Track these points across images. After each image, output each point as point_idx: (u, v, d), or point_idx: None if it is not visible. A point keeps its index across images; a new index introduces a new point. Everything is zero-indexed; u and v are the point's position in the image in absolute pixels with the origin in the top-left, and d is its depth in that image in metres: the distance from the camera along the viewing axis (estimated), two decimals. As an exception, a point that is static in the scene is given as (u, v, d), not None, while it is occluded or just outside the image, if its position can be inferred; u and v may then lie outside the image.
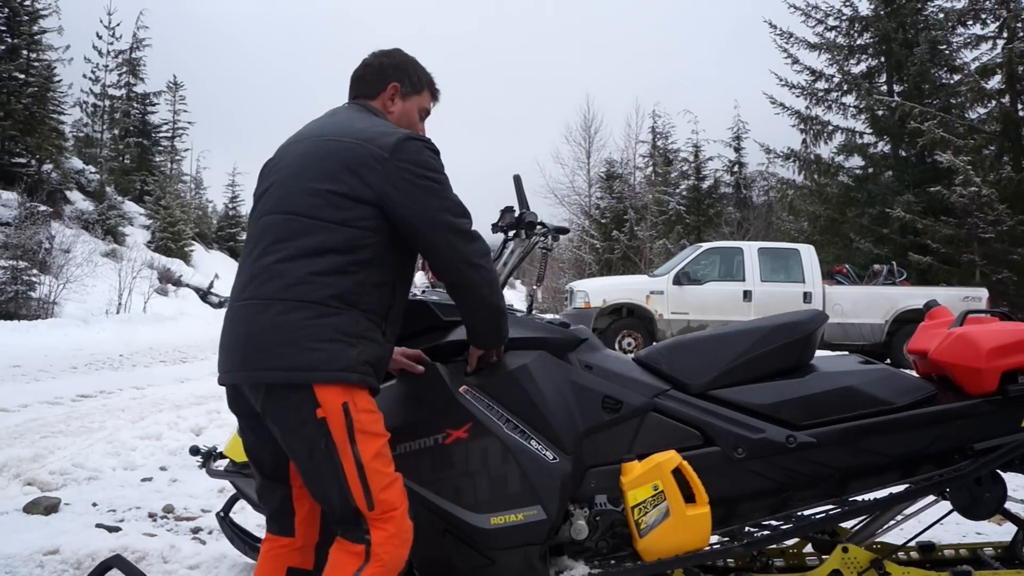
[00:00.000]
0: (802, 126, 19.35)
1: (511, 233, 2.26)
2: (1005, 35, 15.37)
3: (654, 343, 5.40)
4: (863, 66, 19.02)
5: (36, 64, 18.58)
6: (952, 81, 17.03)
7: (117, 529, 2.98)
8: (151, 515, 3.25)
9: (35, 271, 13.83)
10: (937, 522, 2.20)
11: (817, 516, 2.08)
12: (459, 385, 1.94)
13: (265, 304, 1.61)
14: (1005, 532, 2.71)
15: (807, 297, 10.36)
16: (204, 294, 20.82)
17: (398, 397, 1.98)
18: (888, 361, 8.75)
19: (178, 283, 20.37)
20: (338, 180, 1.65)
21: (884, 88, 18.43)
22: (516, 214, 2.26)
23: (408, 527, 1.68)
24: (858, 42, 18.92)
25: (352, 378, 1.58)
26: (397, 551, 1.65)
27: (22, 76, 17.97)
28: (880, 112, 17.76)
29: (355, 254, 1.64)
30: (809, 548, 2.41)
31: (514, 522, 1.87)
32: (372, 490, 1.60)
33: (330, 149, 1.69)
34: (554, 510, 1.89)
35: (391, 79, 1.88)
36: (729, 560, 2.29)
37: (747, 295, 10.48)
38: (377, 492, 1.61)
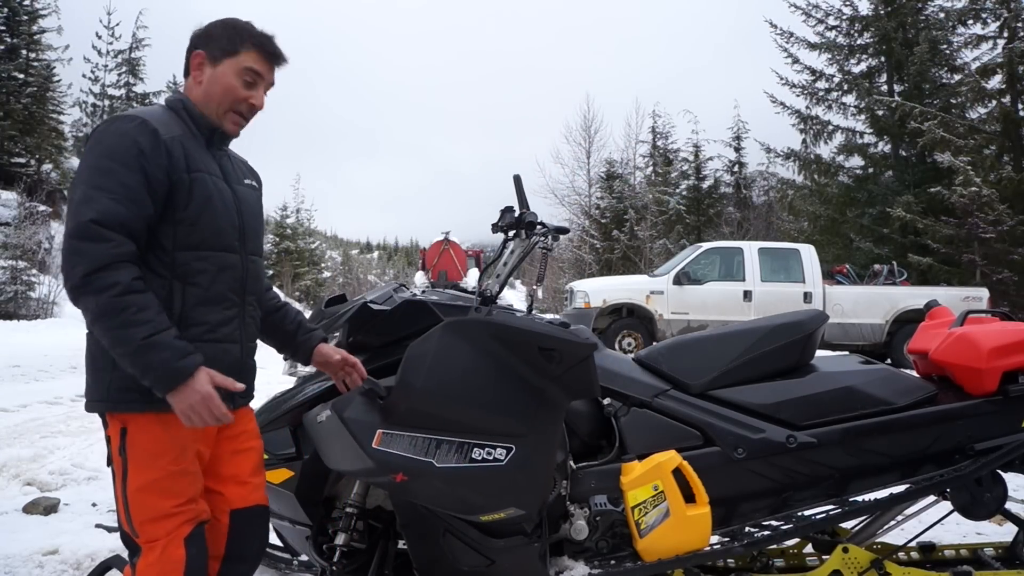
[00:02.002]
0: (802, 126, 19.33)
1: (511, 233, 2.26)
2: (1005, 35, 15.36)
3: (654, 343, 5.40)
4: (863, 66, 19.00)
5: (35, 64, 18.55)
6: (952, 81, 17.01)
7: (117, 529, 2.97)
8: (151, 515, 3.24)
9: (35, 271, 13.82)
10: (937, 522, 2.20)
11: (817, 516, 2.08)
12: (372, 437, 1.76)
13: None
14: (1005, 532, 2.70)
15: (807, 297, 10.35)
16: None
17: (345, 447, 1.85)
18: (888, 361, 8.75)
19: (178, 283, 20.36)
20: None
21: (884, 88, 18.41)
22: (516, 214, 2.26)
23: (175, 558, 1.54)
24: (858, 42, 18.90)
25: (100, 407, 1.55)
26: None
27: (21, 76, 17.95)
28: (880, 112, 17.75)
29: None
30: (809, 548, 2.41)
31: (501, 518, 1.81)
32: (133, 518, 1.55)
33: None
34: (532, 500, 1.79)
35: (197, 47, 1.67)
36: (729, 560, 2.29)
37: (747, 295, 10.47)
38: (138, 522, 1.55)
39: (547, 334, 1.76)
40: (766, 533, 2.08)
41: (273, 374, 3.32)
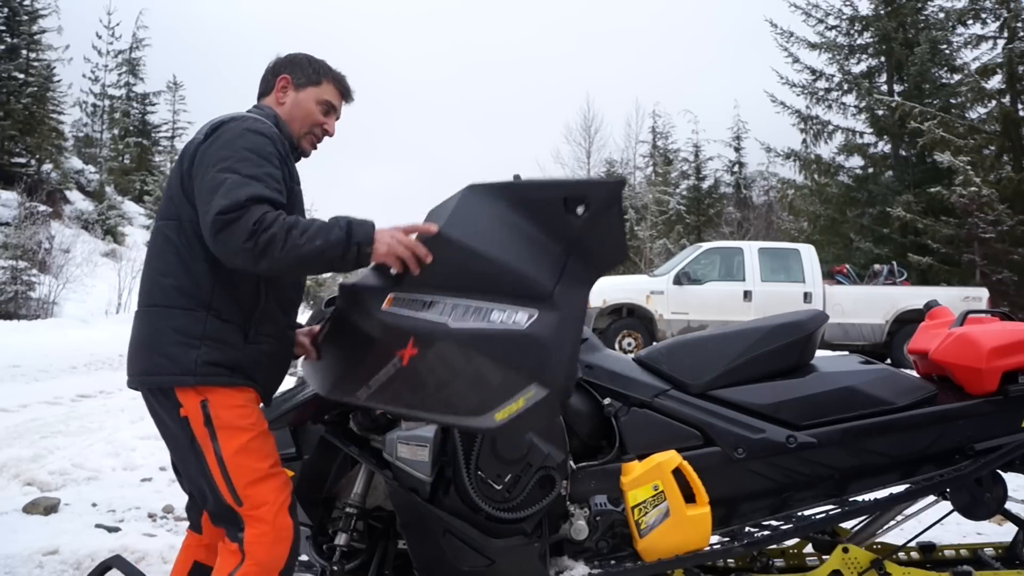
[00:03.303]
0: (802, 125, 19.34)
1: (511, 233, 2.26)
2: (1005, 35, 15.38)
3: (654, 343, 5.40)
4: (863, 65, 19.02)
5: (36, 64, 18.56)
6: (952, 81, 17.02)
7: (117, 529, 2.98)
8: (151, 515, 3.25)
9: (35, 271, 13.83)
10: (937, 522, 2.20)
11: (817, 516, 2.08)
12: (382, 300, 1.63)
13: (141, 312, 1.70)
14: (1005, 532, 2.70)
15: (807, 297, 10.36)
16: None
17: (342, 346, 1.81)
18: (888, 361, 8.75)
19: (178, 283, 20.35)
20: (175, 178, 1.68)
21: (884, 88, 18.42)
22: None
23: (285, 525, 1.64)
24: (858, 41, 18.91)
25: (189, 380, 1.59)
26: (271, 549, 1.62)
27: (22, 76, 17.95)
28: (880, 112, 17.76)
29: (196, 251, 1.63)
30: (809, 548, 2.41)
31: (519, 410, 1.53)
32: (235, 485, 1.60)
33: (183, 152, 1.72)
34: (557, 373, 1.52)
35: (283, 72, 1.87)
36: (729, 560, 2.28)
37: (747, 295, 10.48)
38: (242, 487, 1.60)
39: (571, 182, 1.71)
40: (766, 533, 2.08)
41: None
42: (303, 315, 2.08)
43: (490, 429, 1.57)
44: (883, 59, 18.52)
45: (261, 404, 1.77)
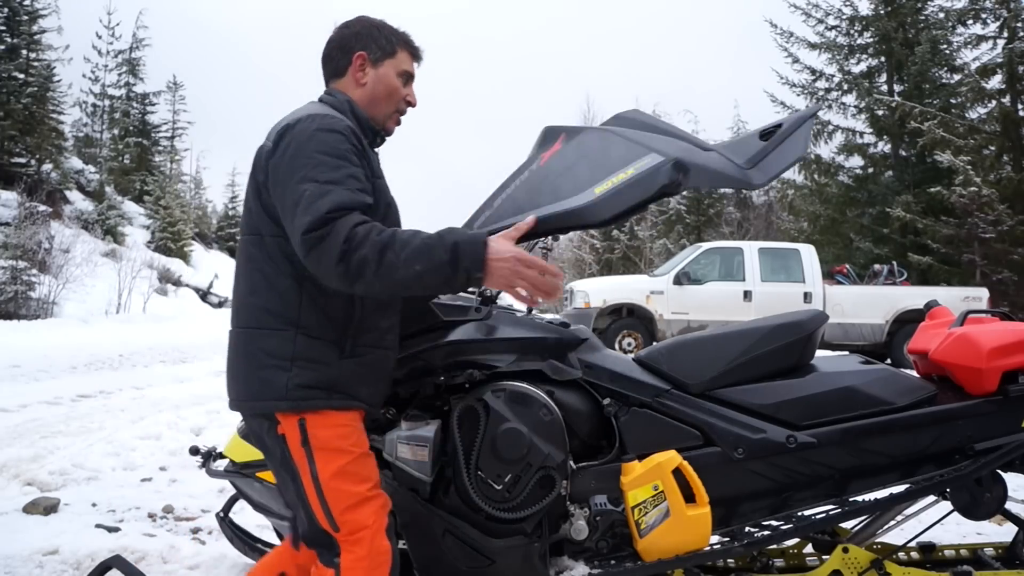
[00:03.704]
0: (802, 126, 19.31)
1: (511, 233, 2.26)
2: (1005, 35, 15.38)
3: (654, 343, 5.40)
4: (863, 65, 19.02)
5: (36, 64, 18.56)
6: (952, 81, 17.03)
7: (117, 529, 2.98)
8: (151, 515, 3.25)
9: (35, 271, 13.82)
10: (937, 522, 2.19)
11: (817, 516, 2.08)
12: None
13: (228, 334, 1.63)
14: (1005, 532, 2.70)
15: (807, 297, 10.36)
16: (204, 294, 20.82)
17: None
18: (888, 361, 8.75)
19: (178, 283, 20.37)
20: (251, 187, 1.58)
21: (884, 88, 18.43)
22: (516, 214, 2.26)
23: (383, 549, 1.56)
24: (858, 41, 18.92)
25: (281, 407, 1.51)
26: (369, 575, 1.54)
27: (22, 76, 17.95)
28: (880, 112, 17.76)
29: (281, 266, 1.53)
30: (809, 548, 2.41)
31: (624, 180, 1.52)
32: (332, 510, 1.52)
33: (257, 155, 1.60)
34: (684, 158, 1.58)
35: (357, 48, 1.68)
36: (729, 560, 2.28)
37: (747, 295, 10.48)
38: (339, 512, 1.52)
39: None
40: (766, 533, 2.08)
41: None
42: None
43: (588, 203, 1.52)
44: (883, 59, 18.52)
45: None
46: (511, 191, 1.71)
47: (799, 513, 2.09)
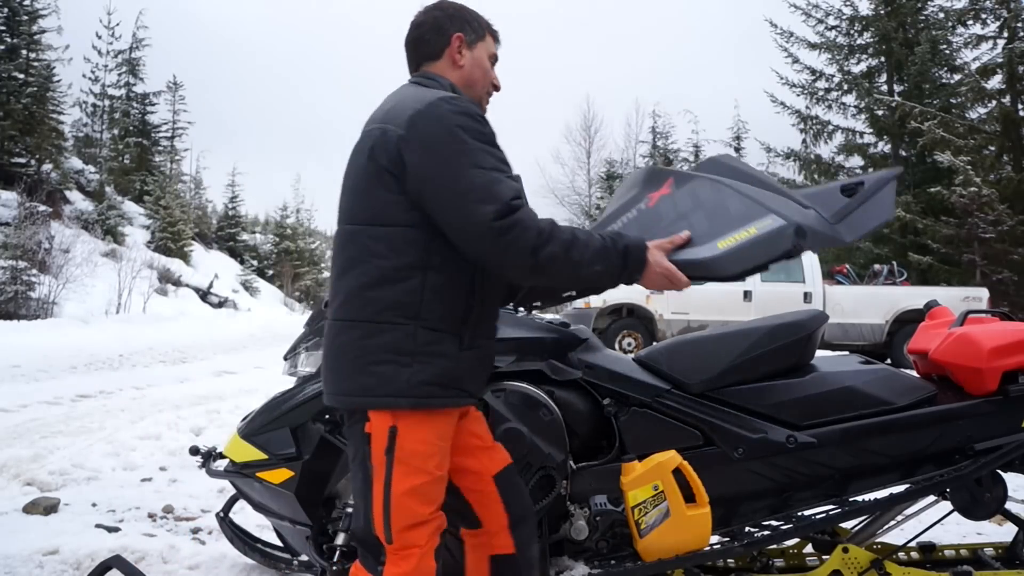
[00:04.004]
0: (802, 125, 19.35)
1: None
2: (1005, 35, 15.38)
3: (654, 343, 5.40)
4: (863, 65, 19.03)
5: (36, 64, 18.54)
6: (952, 81, 17.03)
7: (117, 529, 2.98)
8: (151, 515, 3.24)
9: (35, 271, 13.81)
10: (938, 522, 2.19)
11: (817, 516, 2.08)
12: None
13: (330, 326, 1.55)
14: (1005, 532, 2.70)
15: (807, 297, 10.36)
16: (204, 294, 20.82)
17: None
18: (888, 361, 8.75)
19: (178, 283, 20.37)
20: (365, 174, 1.51)
21: (884, 88, 18.43)
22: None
23: (428, 570, 1.51)
24: (858, 41, 18.92)
25: (402, 403, 1.47)
26: None
27: (22, 76, 17.94)
28: (880, 112, 17.77)
29: (403, 257, 1.47)
30: (809, 548, 2.41)
31: (746, 238, 1.60)
32: (393, 524, 1.48)
33: (362, 141, 1.54)
34: (804, 222, 1.65)
35: (453, 30, 1.65)
36: (729, 560, 2.28)
37: (747, 295, 10.48)
38: (398, 527, 1.48)
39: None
40: (766, 533, 2.08)
41: (273, 374, 3.32)
42: (304, 315, 2.08)
43: (715, 256, 1.59)
44: (883, 59, 18.53)
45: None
46: (620, 226, 1.75)
47: (799, 513, 2.09)
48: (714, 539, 2.03)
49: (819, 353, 2.25)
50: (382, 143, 1.48)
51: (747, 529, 2.10)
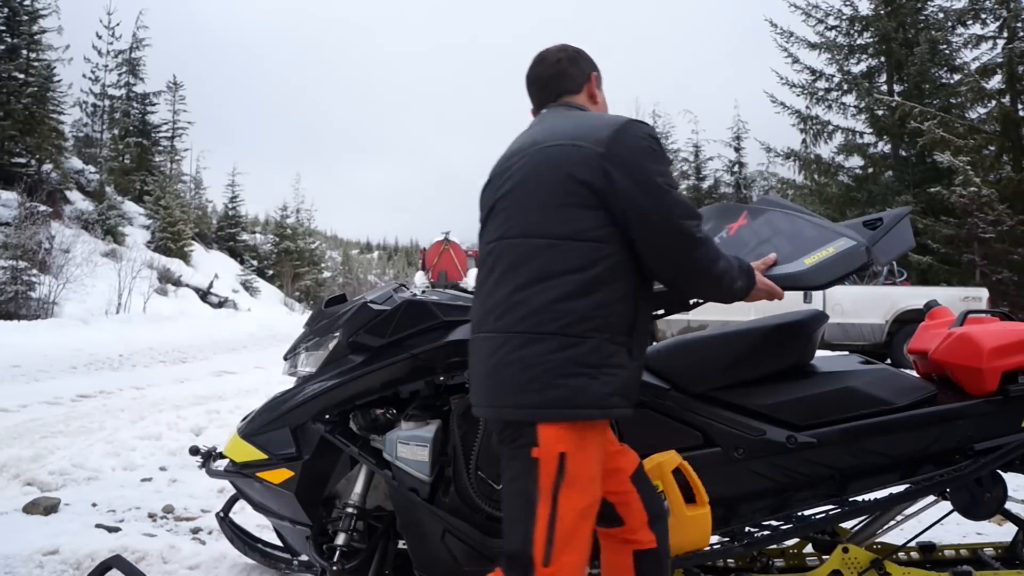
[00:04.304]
0: (802, 126, 19.34)
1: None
2: (1005, 35, 15.37)
3: (654, 343, 5.40)
4: (863, 65, 19.02)
5: (36, 64, 18.55)
6: (952, 81, 17.02)
7: (117, 529, 2.98)
8: (151, 515, 3.25)
9: (35, 271, 13.82)
10: (937, 522, 2.20)
11: (817, 516, 2.08)
12: None
13: (504, 338, 1.53)
14: (1005, 532, 2.71)
15: (807, 297, 10.34)
16: (204, 294, 20.83)
17: None
18: (888, 361, 8.74)
19: (178, 283, 20.37)
20: (559, 190, 1.54)
21: (884, 88, 18.42)
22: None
23: None
24: (858, 41, 18.91)
25: (595, 414, 1.49)
26: None
27: (22, 76, 17.95)
28: (880, 112, 17.76)
29: (591, 271, 1.51)
30: (809, 548, 2.41)
31: (829, 256, 1.83)
32: (555, 547, 1.47)
33: (545, 156, 1.58)
34: (872, 243, 1.90)
35: (590, 68, 1.80)
36: (729, 560, 2.28)
37: (747, 295, 10.46)
38: (559, 551, 1.48)
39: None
40: (766, 533, 2.08)
41: (273, 374, 3.32)
42: (304, 314, 2.09)
43: (805, 271, 1.82)
44: (883, 59, 18.52)
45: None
46: None
47: (799, 513, 2.09)
48: (714, 539, 2.03)
49: (819, 353, 2.25)
50: (581, 159, 1.54)
51: (747, 529, 2.10)
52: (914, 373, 2.31)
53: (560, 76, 1.77)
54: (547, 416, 1.48)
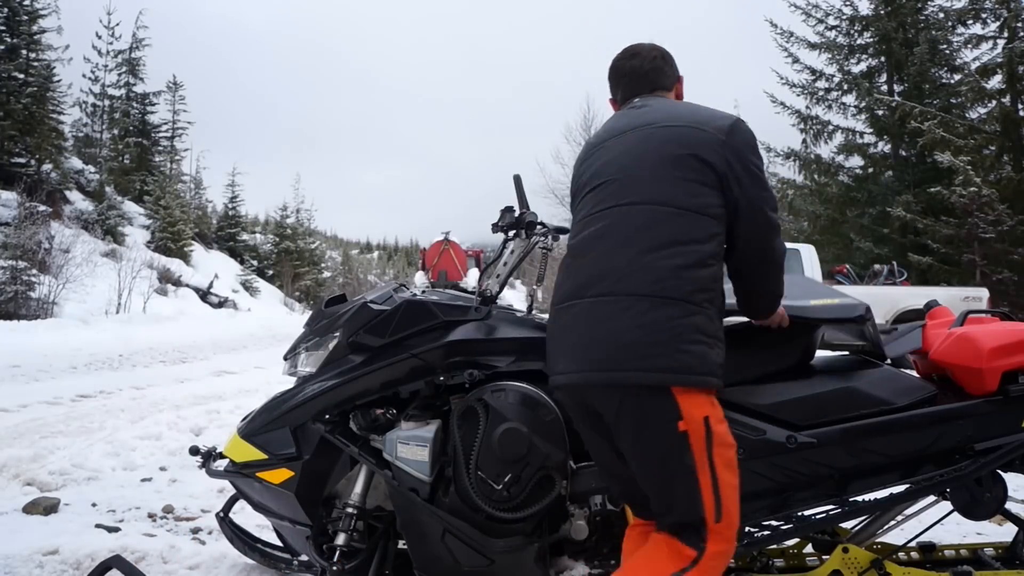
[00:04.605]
0: (802, 125, 19.32)
1: (511, 233, 2.26)
2: (1005, 35, 15.37)
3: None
4: (863, 65, 19.01)
5: (36, 64, 18.54)
6: (952, 81, 17.01)
7: (117, 529, 2.98)
8: (151, 515, 3.25)
9: (35, 271, 13.81)
10: (938, 522, 2.20)
11: (817, 516, 2.08)
12: None
13: (629, 300, 1.54)
14: (1005, 532, 2.71)
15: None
16: (204, 294, 20.82)
17: None
18: (888, 361, 8.73)
19: (178, 283, 20.36)
20: (685, 166, 1.63)
21: (884, 88, 18.41)
22: (516, 214, 2.26)
23: (733, 549, 1.61)
24: (858, 41, 18.90)
25: (713, 382, 1.55)
26: (720, 568, 1.59)
27: (22, 76, 17.93)
28: (880, 112, 17.75)
29: (708, 245, 1.60)
30: (809, 548, 2.41)
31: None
32: (723, 503, 1.56)
33: (668, 135, 1.67)
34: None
35: (678, 71, 1.94)
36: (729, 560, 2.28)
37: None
38: (727, 505, 1.56)
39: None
40: (766, 533, 2.08)
41: (273, 374, 3.32)
42: (304, 314, 2.09)
43: (811, 306, 2.10)
44: (883, 59, 18.51)
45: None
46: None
47: (799, 513, 2.09)
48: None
49: (819, 353, 2.25)
50: (706, 142, 1.66)
51: (747, 529, 2.10)
52: (914, 373, 2.31)
53: (657, 72, 1.90)
54: (683, 381, 1.51)
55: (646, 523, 1.74)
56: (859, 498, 2.09)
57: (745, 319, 2.05)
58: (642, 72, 1.90)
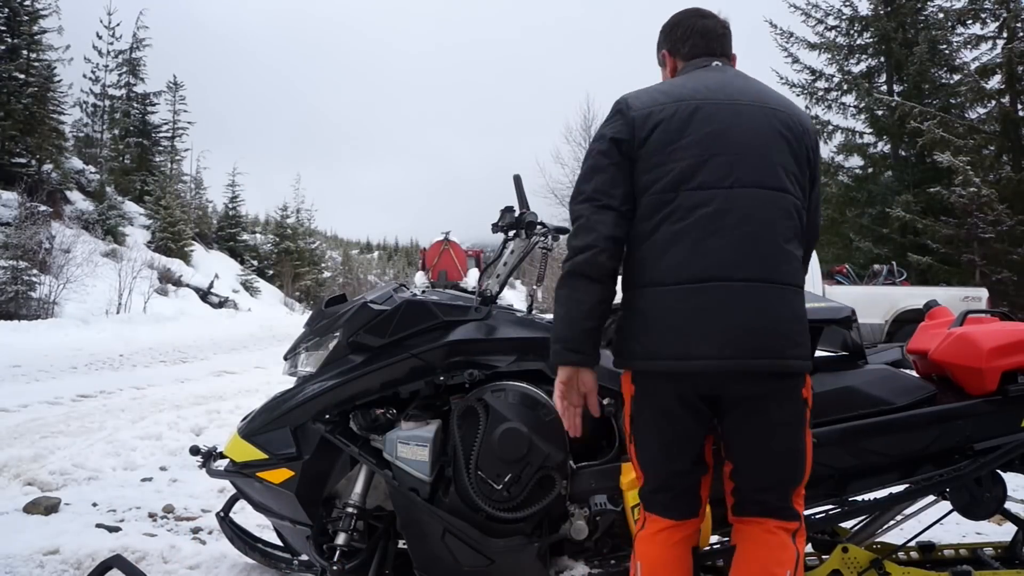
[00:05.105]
0: (802, 126, 19.29)
1: (511, 233, 2.27)
2: (1005, 35, 15.36)
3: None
4: (863, 66, 19.00)
5: (36, 64, 18.54)
6: (952, 81, 17.00)
7: (117, 529, 2.98)
8: (151, 515, 3.25)
9: (35, 271, 13.82)
10: (937, 522, 2.20)
11: (817, 516, 2.08)
12: None
13: (780, 289, 1.57)
14: (1005, 532, 2.71)
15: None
16: (204, 294, 20.82)
17: None
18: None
19: (178, 283, 20.36)
20: (788, 151, 1.64)
21: (884, 88, 18.41)
22: (516, 214, 2.27)
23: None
24: (858, 42, 18.89)
25: (809, 367, 1.64)
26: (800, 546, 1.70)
27: (22, 76, 17.94)
28: (880, 112, 17.75)
29: (801, 232, 1.67)
30: (809, 548, 2.41)
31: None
32: (807, 469, 1.68)
33: (781, 122, 1.65)
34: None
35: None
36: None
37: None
38: (809, 463, 1.69)
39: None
40: (766, 533, 2.08)
41: (273, 374, 3.32)
42: (304, 315, 2.09)
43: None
44: (883, 59, 18.49)
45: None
46: None
47: (799, 513, 2.09)
48: (714, 539, 2.03)
49: (819, 353, 2.25)
50: (803, 132, 1.68)
51: (747, 529, 2.10)
52: (914, 373, 2.31)
53: (728, 38, 1.86)
54: (808, 367, 1.62)
55: (673, 525, 1.69)
56: (859, 498, 2.09)
57: None
58: (717, 34, 1.83)
